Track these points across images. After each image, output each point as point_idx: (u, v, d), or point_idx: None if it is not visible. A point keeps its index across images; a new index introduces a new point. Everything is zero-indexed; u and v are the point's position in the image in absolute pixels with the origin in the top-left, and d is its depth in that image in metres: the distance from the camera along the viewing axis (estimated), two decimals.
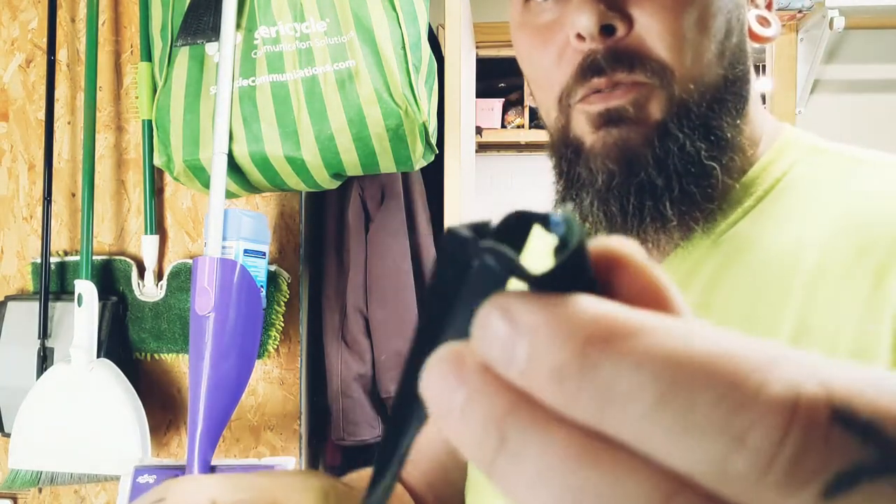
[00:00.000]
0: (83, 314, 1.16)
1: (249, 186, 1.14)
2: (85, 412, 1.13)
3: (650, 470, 0.13)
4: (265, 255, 1.11)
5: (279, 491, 0.46)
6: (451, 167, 1.35)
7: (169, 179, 1.30)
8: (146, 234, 1.27)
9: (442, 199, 1.37)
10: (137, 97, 1.25)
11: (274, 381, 1.30)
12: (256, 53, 1.08)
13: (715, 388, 0.12)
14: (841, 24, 1.92)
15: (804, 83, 2.14)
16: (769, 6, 0.54)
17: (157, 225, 1.29)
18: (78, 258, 1.23)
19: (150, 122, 1.20)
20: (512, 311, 0.14)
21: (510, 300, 0.14)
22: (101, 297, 1.20)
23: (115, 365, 1.17)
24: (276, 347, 1.26)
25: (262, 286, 1.09)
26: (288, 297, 1.27)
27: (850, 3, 1.93)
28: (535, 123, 3.48)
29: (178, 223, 1.31)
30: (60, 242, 1.32)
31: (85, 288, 1.17)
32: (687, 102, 0.46)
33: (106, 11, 1.31)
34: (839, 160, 0.50)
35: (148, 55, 1.21)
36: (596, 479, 0.13)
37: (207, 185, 1.08)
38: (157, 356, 1.28)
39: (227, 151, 1.06)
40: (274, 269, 1.25)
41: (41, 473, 1.15)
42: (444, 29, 1.36)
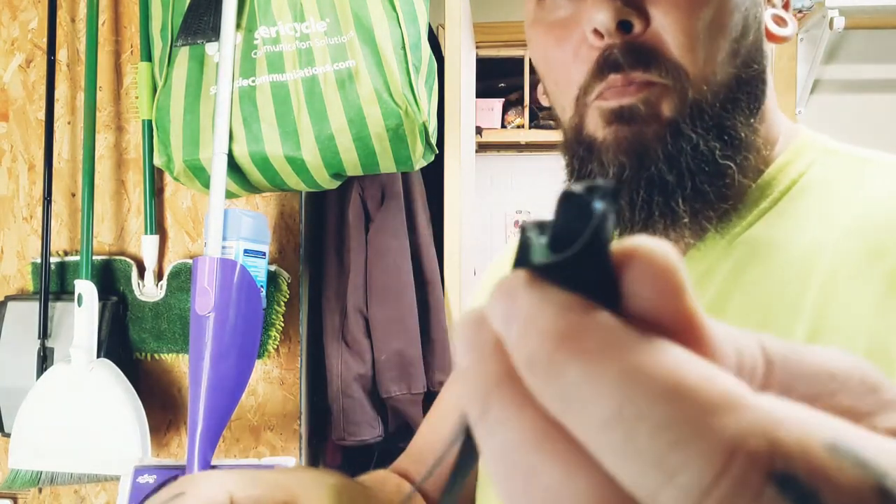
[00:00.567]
0: (83, 314, 1.16)
1: (249, 186, 1.14)
2: (85, 412, 1.13)
3: (599, 476, 0.13)
4: (265, 255, 1.11)
5: (296, 487, 0.46)
6: (451, 167, 1.35)
7: (169, 179, 1.30)
8: (146, 234, 1.27)
9: (442, 199, 1.37)
10: (137, 97, 1.25)
11: (274, 381, 1.30)
12: (256, 53, 1.08)
13: (661, 418, 0.12)
14: (841, 24, 1.92)
15: (804, 83, 2.14)
16: (786, 6, 0.54)
17: (157, 225, 1.29)
18: (78, 258, 1.23)
19: (150, 122, 1.20)
20: (514, 292, 0.14)
21: (517, 281, 0.15)
22: (101, 297, 1.20)
23: (115, 365, 1.17)
24: (276, 347, 1.26)
25: (262, 286, 1.09)
26: (288, 297, 1.27)
27: (850, 3, 1.93)
28: (535, 123, 3.48)
29: (178, 223, 1.31)
30: (60, 242, 1.32)
31: (85, 288, 1.17)
32: (700, 103, 0.46)
33: (106, 11, 1.31)
34: (851, 161, 0.49)
35: (148, 55, 1.21)
36: (547, 467, 0.13)
37: (207, 185, 1.08)
38: (157, 356, 1.28)
39: (227, 151, 1.06)
40: (274, 269, 1.25)
41: (41, 473, 1.15)
42: (444, 29, 1.36)
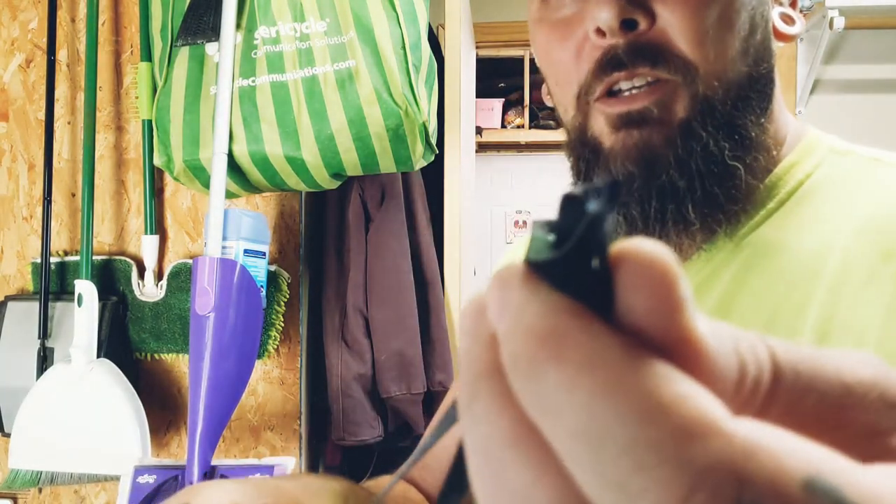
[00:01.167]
0: (83, 314, 1.16)
1: (249, 186, 1.14)
2: (85, 412, 1.13)
3: (566, 485, 0.13)
4: (265, 255, 1.11)
5: (301, 494, 0.45)
6: (451, 167, 1.35)
7: (169, 179, 1.30)
8: (146, 234, 1.27)
9: (442, 199, 1.37)
10: (137, 97, 1.25)
11: (274, 381, 1.30)
12: (256, 53, 1.08)
13: (628, 438, 0.12)
14: (841, 24, 1.92)
15: (804, 83, 2.14)
16: (793, 4, 0.53)
17: (157, 225, 1.29)
18: (78, 258, 1.23)
19: (150, 122, 1.20)
20: (509, 284, 0.14)
21: (514, 273, 0.14)
22: (101, 297, 1.20)
23: (115, 365, 1.17)
24: (276, 347, 1.26)
25: (262, 286, 1.09)
26: (288, 297, 1.27)
27: (850, 3, 1.93)
28: (534, 123, 3.48)
29: (178, 223, 1.31)
30: (60, 242, 1.32)
31: (85, 288, 1.17)
32: (711, 100, 0.45)
33: (106, 11, 1.31)
34: (860, 162, 0.49)
35: (148, 55, 1.21)
36: (517, 468, 0.13)
37: (207, 185, 1.08)
38: (157, 356, 1.28)
39: (227, 151, 1.06)
40: (274, 269, 1.25)
41: (41, 473, 1.15)
42: (444, 29, 1.36)
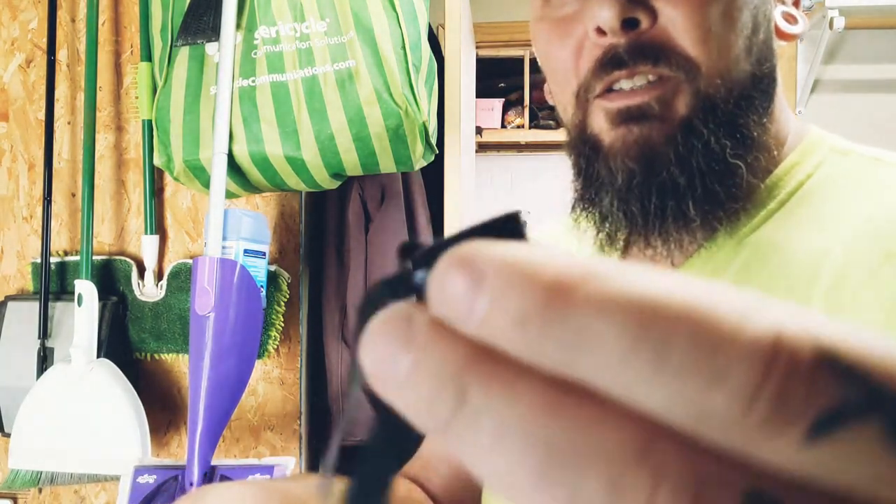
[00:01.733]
0: (83, 314, 1.16)
1: (249, 186, 1.14)
2: (85, 412, 1.13)
3: (625, 419, 0.12)
4: (265, 255, 1.11)
5: (310, 498, 0.45)
6: (451, 167, 1.35)
7: (169, 179, 1.30)
8: (146, 234, 1.27)
9: (442, 199, 1.37)
10: (137, 97, 1.25)
11: (274, 381, 1.30)
12: (256, 53, 1.08)
13: (691, 328, 0.11)
14: (841, 24, 1.92)
15: (804, 83, 2.14)
16: (796, 3, 0.53)
17: (157, 225, 1.29)
18: (78, 258, 1.23)
19: (150, 122, 1.20)
20: (473, 260, 0.13)
21: (471, 250, 0.13)
22: (101, 297, 1.20)
23: (115, 365, 1.17)
24: (276, 347, 1.26)
25: (262, 286, 1.09)
26: (288, 297, 1.27)
27: (850, 3, 1.93)
28: (535, 123, 3.48)
29: (178, 223, 1.31)
30: (60, 242, 1.32)
31: (85, 288, 1.17)
32: (714, 98, 0.45)
33: (106, 11, 1.31)
34: (861, 162, 0.48)
35: (148, 55, 1.21)
36: (568, 430, 0.12)
37: (207, 185, 1.08)
38: (157, 356, 1.28)
39: (227, 151, 1.06)
40: (274, 269, 1.25)
41: (41, 473, 1.15)
42: (444, 29, 1.36)
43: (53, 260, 1.27)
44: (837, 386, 0.11)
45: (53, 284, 1.26)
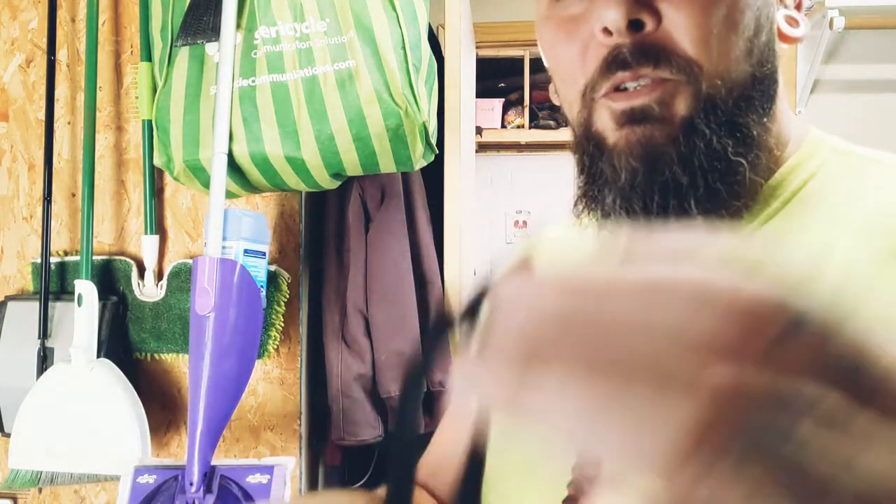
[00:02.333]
0: (83, 314, 1.16)
1: (249, 186, 1.14)
2: (85, 412, 1.13)
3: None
4: (265, 255, 1.11)
5: None
6: (451, 167, 1.35)
7: (169, 179, 1.30)
8: (146, 234, 1.27)
9: (442, 199, 1.37)
10: (137, 97, 1.25)
11: (274, 381, 1.30)
12: (256, 53, 1.08)
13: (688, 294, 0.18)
14: (841, 24, 1.92)
15: (804, 83, 2.14)
16: (798, 6, 0.53)
17: (157, 225, 1.29)
18: (78, 258, 1.23)
19: (150, 122, 1.20)
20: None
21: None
22: (101, 297, 1.20)
23: (115, 365, 1.17)
24: (276, 347, 1.26)
25: (262, 286, 1.09)
26: (288, 297, 1.27)
27: (850, 3, 1.93)
28: (535, 123, 3.48)
29: (178, 223, 1.31)
30: (60, 242, 1.32)
31: (85, 288, 1.17)
32: (714, 98, 0.45)
33: (106, 11, 1.31)
34: (862, 163, 0.49)
35: (148, 55, 1.21)
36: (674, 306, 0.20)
37: (207, 185, 1.08)
38: (157, 356, 1.28)
39: (227, 151, 1.06)
40: (274, 269, 1.25)
41: (41, 473, 1.15)
42: (444, 29, 1.36)
43: (53, 260, 1.27)
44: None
45: (53, 284, 1.26)
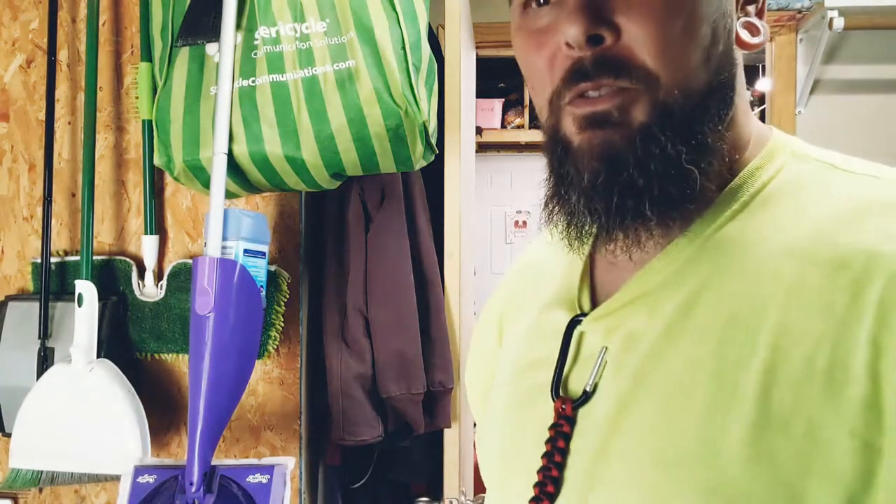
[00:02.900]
0: (83, 314, 1.16)
1: (249, 186, 1.14)
2: (85, 412, 1.13)
3: None
4: (265, 255, 1.11)
5: None
6: (451, 167, 1.35)
7: (169, 179, 1.30)
8: (146, 234, 1.27)
9: (442, 199, 1.37)
10: (137, 97, 1.25)
11: (274, 381, 1.30)
12: (256, 54, 1.08)
13: None
14: (840, 24, 1.92)
15: (804, 83, 2.14)
16: (760, 13, 0.55)
17: (157, 225, 1.29)
18: (78, 258, 1.23)
19: (150, 122, 1.20)
20: None
21: None
22: (101, 297, 1.20)
23: (115, 365, 1.17)
24: (276, 347, 1.26)
25: (262, 286, 1.09)
26: (288, 297, 1.27)
27: (849, 3, 1.93)
28: (534, 123, 3.48)
29: (178, 223, 1.31)
30: (60, 242, 1.32)
31: (85, 288, 1.17)
32: (671, 107, 0.48)
33: (106, 12, 1.31)
34: (818, 167, 0.51)
35: (148, 55, 1.21)
36: None
37: (207, 185, 1.08)
38: (157, 356, 1.28)
39: (227, 151, 1.06)
40: (274, 269, 1.25)
41: (41, 473, 1.15)
42: (444, 29, 1.36)
43: (53, 260, 1.27)
44: None
45: (53, 284, 1.26)
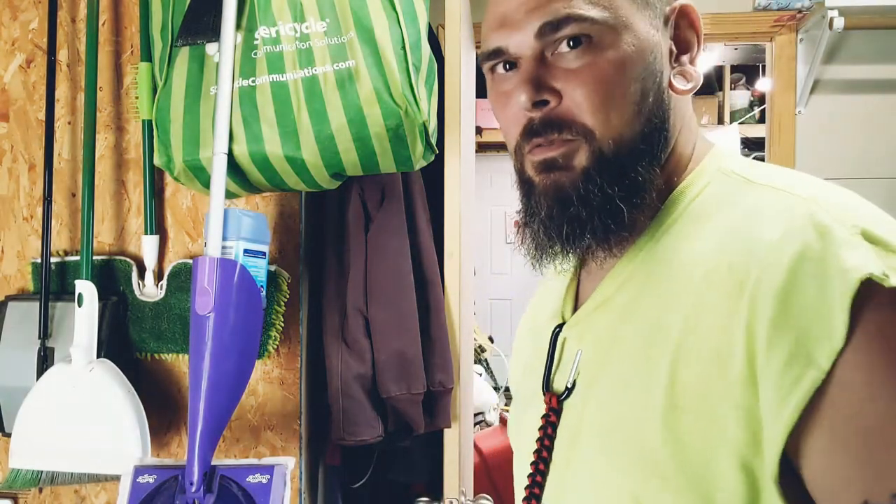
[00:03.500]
0: (83, 314, 1.16)
1: (249, 186, 1.14)
2: (85, 412, 1.13)
3: None
4: (265, 255, 1.11)
5: None
6: (451, 167, 1.35)
7: (169, 179, 1.30)
8: (146, 234, 1.27)
9: (442, 199, 1.37)
10: (137, 97, 1.25)
11: (274, 381, 1.30)
12: (256, 53, 1.08)
13: None
14: (841, 24, 1.92)
15: (804, 83, 2.14)
16: (693, 61, 0.63)
17: (157, 225, 1.29)
18: (78, 258, 1.23)
19: (150, 122, 1.20)
20: None
21: None
22: (101, 297, 1.20)
23: (115, 365, 1.17)
24: (276, 347, 1.26)
25: (262, 286, 1.09)
26: (288, 297, 1.27)
27: (849, 3, 1.93)
28: None
29: (178, 223, 1.31)
30: (60, 242, 1.32)
31: (85, 288, 1.17)
32: (606, 154, 0.58)
33: (106, 11, 1.31)
34: (736, 183, 0.59)
35: (148, 55, 1.21)
36: None
37: (207, 185, 1.08)
38: (157, 356, 1.28)
39: (227, 151, 1.06)
40: (274, 269, 1.25)
41: (41, 473, 1.15)
42: (444, 29, 1.36)
43: (53, 260, 1.27)
44: None
45: (53, 284, 1.26)
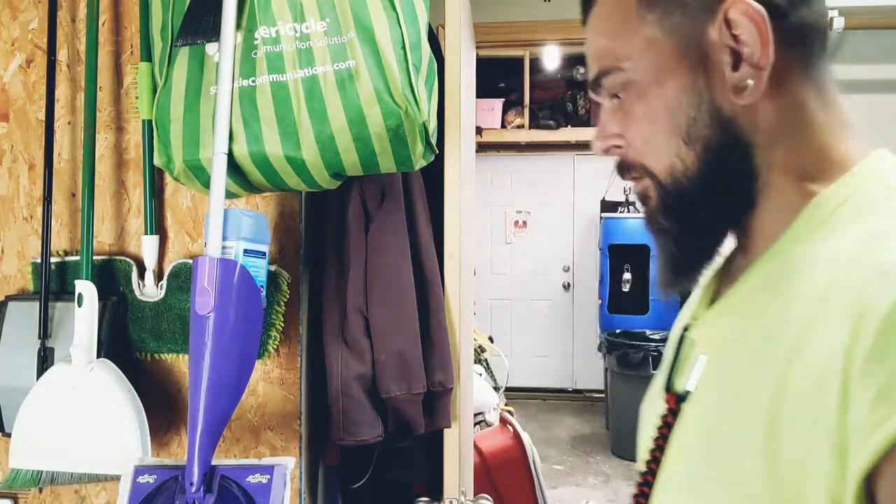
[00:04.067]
0: (83, 314, 1.16)
1: (249, 186, 1.14)
2: (85, 412, 1.13)
3: None
4: (265, 255, 1.11)
5: None
6: (451, 167, 1.35)
7: (169, 179, 1.30)
8: (146, 234, 1.27)
9: (442, 199, 1.37)
10: (137, 97, 1.25)
11: (274, 381, 1.30)
12: (256, 53, 1.08)
13: None
14: (841, 24, 1.92)
15: None
16: (747, 60, 0.57)
17: (157, 225, 1.29)
18: (78, 258, 1.23)
19: (150, 122, 1.20)
20: None
21: None
22: (101, 297, 1.20)
23: (115, 365, 1.17)
24: (276, 347, 1.26)
25: (262, 286, 1.09)
26: (288, 297, 1.27)
27: (850, 3, 1.93)
28: (534, 123, 3.48)
29: (178, 223, 1.31)
30: (60, 242, 1.32)
31: (85, 288, 1.17)
32: (668, 192, 0.61)
33: (106, 11, 1.31)
34: (889, 195, 0.54)
35: (148, 55, 1.21)
36: None
37: (207, 185, 1.08)
38: (157, 356, 1.28)
39: (227, 151, 1.06)
40: (274, 269, 1.25)
41: (41, 473, 1.15)
42: (444, 29, 1.36)
43: (53, 260, 1.27)
44: None
45: (53, 284, 1.26)
